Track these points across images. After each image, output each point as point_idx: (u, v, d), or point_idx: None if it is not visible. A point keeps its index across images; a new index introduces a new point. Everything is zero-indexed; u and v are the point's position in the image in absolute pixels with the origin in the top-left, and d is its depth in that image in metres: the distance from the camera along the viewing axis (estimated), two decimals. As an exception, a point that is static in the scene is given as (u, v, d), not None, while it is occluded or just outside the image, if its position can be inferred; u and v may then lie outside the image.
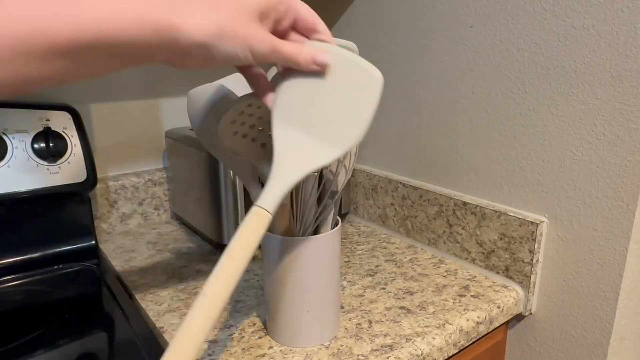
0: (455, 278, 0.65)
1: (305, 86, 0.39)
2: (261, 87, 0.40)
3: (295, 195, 0.48)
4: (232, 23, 0.32)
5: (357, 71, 0.37)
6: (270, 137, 0.47)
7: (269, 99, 0.39)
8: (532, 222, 0.59)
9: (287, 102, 0.39)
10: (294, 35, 0.38)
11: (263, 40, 0.34)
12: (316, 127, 0.38)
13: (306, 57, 0.37)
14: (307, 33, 0.39)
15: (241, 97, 0.41)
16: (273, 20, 0.36)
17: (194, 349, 0.33)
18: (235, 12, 0.32)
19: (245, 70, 0.40)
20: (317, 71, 0.38)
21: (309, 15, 0.38)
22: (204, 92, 0.48)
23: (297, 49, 0.37)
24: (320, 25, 0.38)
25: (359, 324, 0.54)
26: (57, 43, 0.26)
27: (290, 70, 0.38)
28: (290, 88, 0.39)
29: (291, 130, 0.38)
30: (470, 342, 0.57)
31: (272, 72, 0.52)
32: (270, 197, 0.36)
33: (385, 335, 0.52)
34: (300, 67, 0.37)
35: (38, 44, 0.26)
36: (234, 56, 0.33)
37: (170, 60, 0.32)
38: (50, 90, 0.76)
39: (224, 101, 0.48)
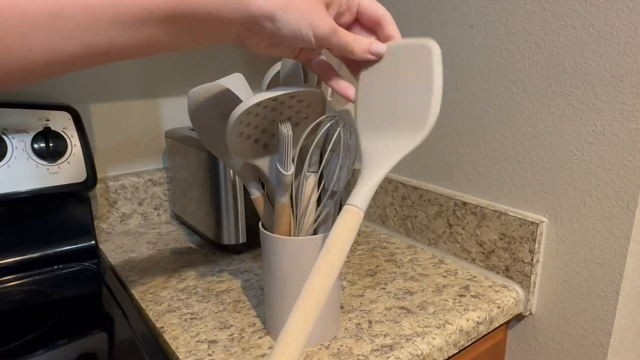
0: (456, 278, 0.65)
1: (373, 83, 0.40)
2: (333, 77, 0.41)
3: (295, 195, 0.48)
4: (299, 1, 0.34)
5: (412, 50, 0.38)
6: (272, 137, 0.47)
7: (350, 91, 0.41)
8: (532, 222, 0.59)
9: (364, 105, 0.40)
10: (358, 30, 0.40)
11: (325, 20, 0.35)
12: (394, 119, 0.39)
13: (362, 46, 0.38)
14: (371, 26, 0.40)
15: (249, 97, 0.41)
16: (335, 11, 0.37)
17: (298, 348, 0.33)
18: None
19: (309, 59, 0.41)
20: (372, 60, 0.39)
21: (372, 7, 0.39)
22: (204, 92, 0.48)
23: (354, 37, 0.38)
24: (384, 19, 0.39)
25: (359, 324, 0.54)
26: (147, 10, 0.29)
27: (355, 70, 0.41)
28: (361, 90, 0.40)
29: (374, 131, 0.39)
30: (471, 342, 0.57)
31: (274, 71, 0.52)
32: (362, 195, 0.37)
33: (385, 336, 0.52)
34: (354, 56, 0.39)
35: (132, 11, 0.28)
36: (297, 32, 0.34)
37: (241, 36, 0.35)
38: (50, 90, 0.76)
39: (224, 101, 0.48)
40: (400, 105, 0.39)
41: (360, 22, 0.40)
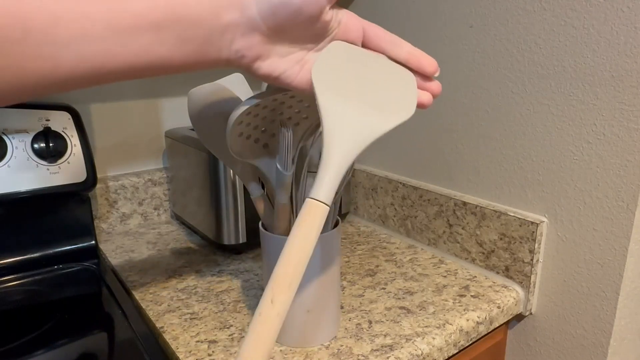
0: (455, 278, 0.65)
1: (349, 55, 0.36)
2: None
3: (295, 195, 0.48)
4: None
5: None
6: (272, 137, 0.47)
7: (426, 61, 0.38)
8: (532, 222, 0.59)
9: (329, 70, 0.35)
10: None
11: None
12: (367, 96, 0.34)
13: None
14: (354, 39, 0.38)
15: (250, 98, 0.41)
16: None
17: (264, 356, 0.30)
18: None
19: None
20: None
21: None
22: (205, 91, 0.48)
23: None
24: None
25: (359, 324, 0.54)
26: (138, 15, 0.28)
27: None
28: (332, 55, 0.35)
29: (338, 103, 0.33)
30: (471, 342, 0.57)
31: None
32: (325, 186, 0.31)
33: (385, 335, 0.52)
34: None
35: (124, 19, 0.28)
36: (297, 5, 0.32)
37: (240, 44, 0.33)
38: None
39: (224, 101, 0.48)
40: (380, 82, 0.35)
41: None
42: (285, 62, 0.35)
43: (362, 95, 0.34)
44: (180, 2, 0.30)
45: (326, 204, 0.31)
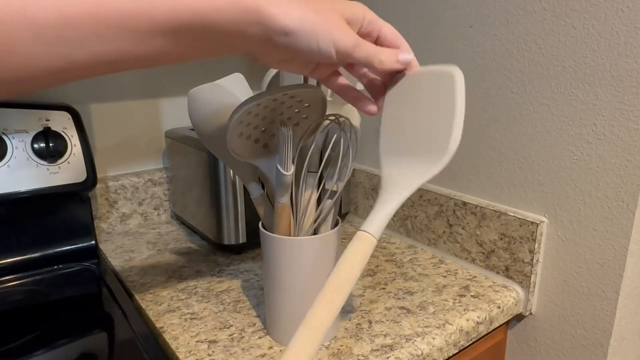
0: (455, 278, 0.65)
1: (396, 108, 0.40)
2: (353, 93, 0.40)
3: (295, 195, 0.48)
4: (317, 15, 0.32)
5: (435, 76, 0.38)
6: (272, 137, 0.47)
7: (371, 107, 0.40)
8: (532, 222, 0.59)
9: (387, 129, 0.40)
10: None
11: (348, 33, 0.34)
12: (416, 145, 0.38)
13: (390, 56, 0.37)
14: None
15: (250, 98, 0.41)
16: (356, 30, 0.36)
17: None
18: (321, 7, 0.33)
19: (325, 76, 0.40)
20: (401, 70, 0.38)
21: (393, 35, 0.38)
22: (205, 92, 0.48)
23: (379, 48, 0.36)
24: (404, 45, 0.38)
25: (359, 324, 0.54)
26: (157, 22, 0.28)
27: (375, 94, 0.41)
28: (385, 115, 0.40)
29: (395, 156, 0.39)
30: (471, 342, 0.57)
31: (274, 71, 0.52)
32: (376, 222, 0.36)
33: (385, 335, 0.52)
34: (383, 65, 0.37)
35: (141, 23, 0.27)
36: (314, 48, 0.32)
37: (254, 51, 0.33)
38: (50, 90, 0.76)
39: (224, 101, 0.48)
40: (422, 132, 0.38)
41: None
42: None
43: (412, 144, 0.39)
44: (203, 10, 0.29)
45: (375, 238, 0.36)
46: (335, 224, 0.50)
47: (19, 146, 0.65)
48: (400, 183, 0.38)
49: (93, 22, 0.26)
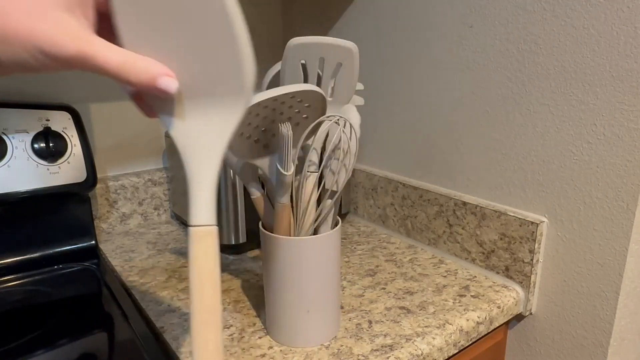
0: (455, 278, 0.65)
1: (139, 26, 0.29)
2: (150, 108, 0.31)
3: (295, 195, 0.48)
4: (5, 16, 0.23)
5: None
6: (272, 137, 0.47)
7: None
8: (532, 222, 0.59)
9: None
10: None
11: (63, 35, 0.24)
12: (192, 86, 0.30)
13: (144, 74, 0.26)
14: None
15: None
16: (92, 8, 0.26)
17: None
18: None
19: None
20: (160, 93, 0.28)
21: None
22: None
23: (127, 57, 0.26)
24: None
25: (359, 324, 0.54)
26: None
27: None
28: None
29: (186, 119, 0.31)
30: (471, 342, 0.57)
31: (274, 71, 0.52)
32: (202, 208, 0.30)
33: (385, 335, 0.52)
34: (133, 86, 0.27)
35: None
36: (13, 60, 0.24)
37: None
38: (50, 90, 0.76)
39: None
40: (198, 62, 0.28)
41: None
42: None
43: (186, 86, 0.30)
44: None
45: (212, 225, 0.30)
46: (335, 224, 0.50)
47: (19, 146, 0.65)
48: (205, 151, 0.30)
49: None
